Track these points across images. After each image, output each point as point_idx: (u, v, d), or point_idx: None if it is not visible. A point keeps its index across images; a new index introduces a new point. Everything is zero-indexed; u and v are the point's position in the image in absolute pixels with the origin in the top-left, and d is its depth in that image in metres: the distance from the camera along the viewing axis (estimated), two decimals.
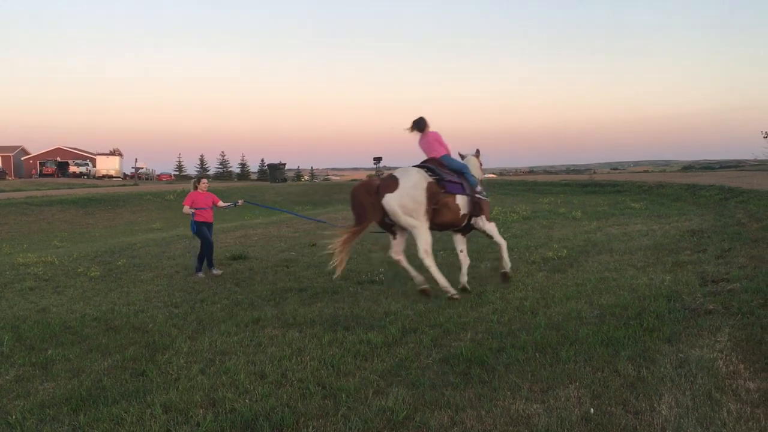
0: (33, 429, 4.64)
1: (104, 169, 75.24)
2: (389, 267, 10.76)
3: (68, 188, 45.80)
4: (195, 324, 7.51)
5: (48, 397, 5.29)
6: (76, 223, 27.97)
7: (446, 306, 7.75)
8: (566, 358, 5.50)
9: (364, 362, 5.79)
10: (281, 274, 10.78)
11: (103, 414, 4.80)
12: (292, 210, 18.07)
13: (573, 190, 31.65)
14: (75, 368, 6.05)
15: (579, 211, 18.27)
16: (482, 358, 5.60)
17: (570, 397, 4.72)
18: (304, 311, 7.85)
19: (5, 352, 6.70)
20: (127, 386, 5.42)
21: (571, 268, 9.84)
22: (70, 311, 8.53)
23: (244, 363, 5.88)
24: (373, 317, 7.38)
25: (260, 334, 6.92)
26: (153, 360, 6.16)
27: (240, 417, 4.61)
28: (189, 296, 9.19)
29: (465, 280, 8.94)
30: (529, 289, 8.46)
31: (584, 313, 6.96)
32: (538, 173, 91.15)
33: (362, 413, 4.62)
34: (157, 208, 33.17)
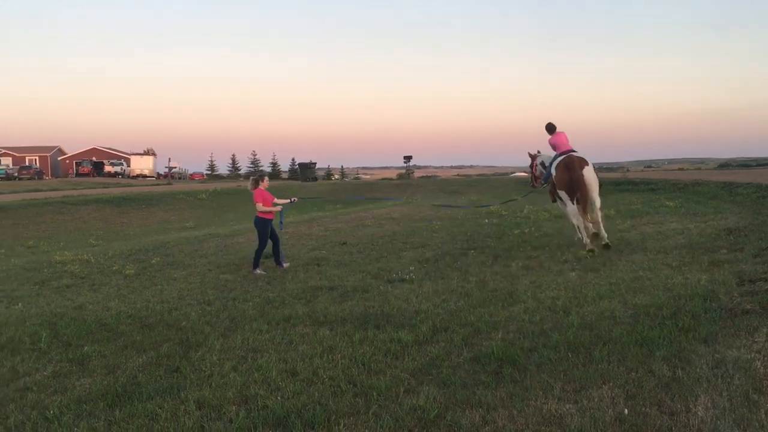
0: (70, 424, 4.72)
1: (138, 168, 76.31)
2: (419, 265, 10.76)
3: (103, 188, 46.57)
4: (227, 321, 7.59)
5: (84, 393, 5.38)
6: (111, 221, 28.44)
7: (477, 305, 7.71)
8: (599, 358, 5.44)
9: (395, 361, 5.79)
10: (312, 272, 10.83)
11: (138, 409, 4.88)
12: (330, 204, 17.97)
13: (606, 188, 31.01)
14: (110, 364, 6.15)
15: (612, 210, 18.05)
16: (514, 358, 5.57)
17: (603, 398, 4.66)
18: (335, 309, 7.88)
19: (43, 348, 6.84)
20: (161, 382, 5.50)
21: (604, 267, 9.72)
22: (105, 308, 8.68)
23: (275, 360, 5.93)
24: (404, 316, 7.38)
25: (291, 332, 6.97)
26: (186, 357, 6.23)
27: (272, 414, 4.65)
28: (221, 294, 9.28)
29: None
30: (561, 289, 8.38)
31: (618, 313, 6.88)
32: None
33: (393, 411, 4.62)
34: (189, 207, 33.58)
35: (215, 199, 36.62)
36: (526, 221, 16.43)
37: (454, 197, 29.73)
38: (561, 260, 10.49)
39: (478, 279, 9.38)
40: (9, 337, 7.27)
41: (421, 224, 17.27)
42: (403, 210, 22.03)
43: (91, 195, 35.08)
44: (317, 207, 30.68)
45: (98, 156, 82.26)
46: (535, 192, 14.52)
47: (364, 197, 15.16)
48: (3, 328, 7.77)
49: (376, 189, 41.57)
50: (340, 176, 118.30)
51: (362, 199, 15.18)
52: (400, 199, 13.68)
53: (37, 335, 7.29)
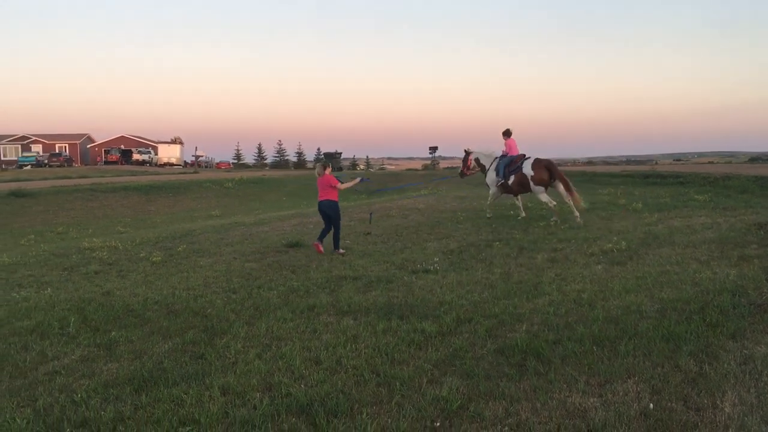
0: (97, 407, 4.80)
1: (165, 157, 76.98)
2: (444, 256, 10.74)
3: (131, 175, 47.09)
4: (252, 310, 7.64)
5: (111, 377, 5.46)
6: (138, 209, 28.76)
7: (501, 297, 7.68)
8: (625, 352, 5.39)
9: (418, 351, 5.79)
10: (336, 261, 10.86)
11: (163, 395, 4.95)
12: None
13: (634, 182, 30.90)
14: (137, 350, 6.23)
15: (640, 203, 17.83)
16: (538, 350, 5.54)
17: (628, 392, 4.63)
18: (359, 299, 7.90)
19: (71, 332, 6.95)
20: (186, 368, 5.56)
21: (630, 260, 9.62)
22: (133, 295, 8.79)
23: (299, 349, 5.96)
24: (428, 306, 7.38)
25: (315, 320, 7.00)
26: (212, 344, 6.30)
27: (295, 401, 4.68)
28: (246, 282, 9.35)
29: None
30: (587, 282, 8.31)
31: (644, 307, 6.81)
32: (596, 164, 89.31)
33: (416, 402, 4.63)
34: (216, 196, 33.82)
35: (241, 188, 36.84)
36: (551, 213, 16.29)
37: (479, 189, 29.56)
38: (587, 253, 10.40)
39: (502, 271, 9.34)
40: (38, 322, 7.40)
41: (446, 215, 17.22)
42: (428, 201, 21.97)
43: (119, 182, 35.50)
44: (341, 197, 30.70)
45: (126, 144, 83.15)
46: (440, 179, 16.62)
47: (389, 188, 15.26)
48: (33, 312, 7.91)
49: (401, 179, 41.51)
50: (365, 166, 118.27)
51: (388, 190, 15.38)
52: (421, 183, 14.11)
53: (65, 320, 7.41)
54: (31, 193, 29.19)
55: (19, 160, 68.63)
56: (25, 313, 7.87)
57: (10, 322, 7.51)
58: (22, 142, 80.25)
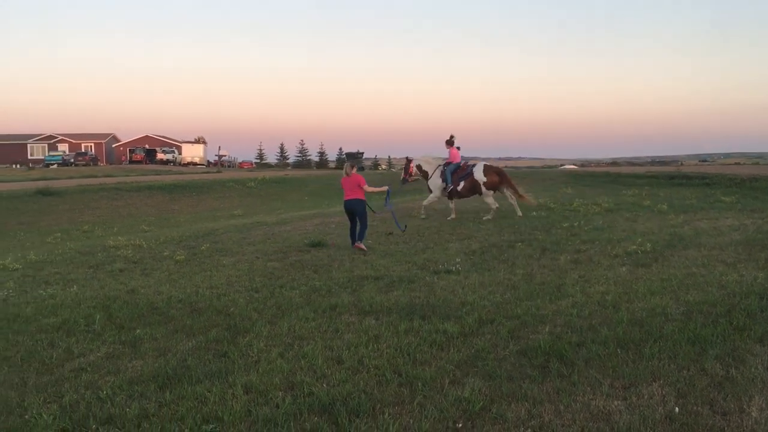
0: (122, 404, 4.85)
1: (189, 156, 77.70)
2: (466, 257, 10.71)
3: (155, 174, 47.58)
4: (274, 309, 7.67)
5: (136, 374, 5.52)
6: (162, 208, 29.07)
7: (524, 298, 7.64)
8: (650, 355, 5.34)
9: (440, 351, 5.78)
10: (358, 261, 10.87)
11: (187, 392, 4.99)
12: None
13: (659, 183, 30.57)
14: (161, 347, 6.29)
15: (665, 204, 17.63)
16: (561, 352, 5.51)
17: (653, 395, 4.58)
18: (381, 299, 7.90)
19: (97, 330, 7.03)
20: (210, 366, 5.60)
21: (655, 262, 9.52)
22: (157, 293, 8.87)
23: (321, 348, 5.98)
24: (450, 307, 7.36)
25: (337, 320, 7.01)
26: (234, 342, 6.34)
27: (318, 401, 4.70)
28: (269, 281, 9.39)
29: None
30: (611, 283, 8.24)
31: (669, 310, 6.74)
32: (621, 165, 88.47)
33: (438, 402, 4.62)
34: (238, 195, 34.07)
35: (263, 188, 37.04)
36: (575, 214, 16.18)
37: None
38: (611, 254, 10.31)
39: (525, 272, 9.29)
40: (65, 319, 7.49)
41: (468, 216, 17.17)
42: None
43: (143, 182, 35.88)
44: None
45: (151, 143, 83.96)
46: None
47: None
48: (59, 309, 8.02)
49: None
50: (387, 166, 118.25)
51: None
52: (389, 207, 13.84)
53: (91, 317, 7.50)
54: (57, 191, 29.62)
55: (46, 159, 69.63)
56: (52, 310, 7.98)
57: (37, 319, 7.62)
58: (49, 141, 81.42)
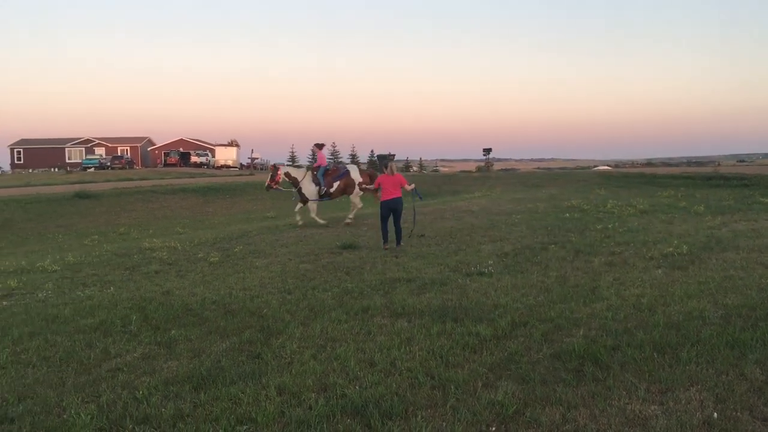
0: (158, 404, 4.91)
1: (222, 159, 78.31)
2: (498, 259, 10.64)
3: (189, 177, 48.14)
4: (307, 310, 7.71)
5: (171, 375, 5.58)
6: (196, 210, 29.44)
7: (557, 301, 7.57)
8: (687, 359, 5.25)
9: (473, 354, 5.75)
10: (390, 264, 10.87)
11: (222, 393, 5.03)
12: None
13: (695, 184, 30.09)
14: (196, 348, 6.36)
15: (701, 206, 17.34)
16: (596, 356, 5.44)
17: (691, 400, 4.50)
18: (413, 301, 7.89)
19: (133, 330, 7.14)
20: (243, 368, 5.65)
21: (692, 265, 9.36)
22: (191, 294, 8.98)
23: (354, 350, 5.99)
24: (482, 309, 7.32)
25: (369, 322, 7.02)
26: (267, 344, 6.38)
27: (350, 403, 4.70)
28: (301, 283, 9.44)
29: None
30: (647, 286, 8.12)
31: (707, 313, 6.62)
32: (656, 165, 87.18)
33: (471, 405, 4.60)
34: (271, 198, 34.16)
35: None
36: (609, 216, 15.99)
37: (534, 191, 29.23)
38: (646, 257, 10.16)
39: (558, 274, 9.20)
40: (102, 320, 7.62)
41: (501, 218, 17.07)
42: (482, 203, 21.82)
43: (178, 184, 36.35)
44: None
45: (185, 147, 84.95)
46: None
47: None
48: (96, 310, 8.16)
49: (455, 181, 41.31)
50: (418, 168, 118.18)
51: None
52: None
53: (127, 318, 7.61)
54: (94, 194, 30.17)
55: (83, 162, 70.93)
56: (89, 311, 8.12)
57: (75, 319, 7.76)
58: (86, 145, 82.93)
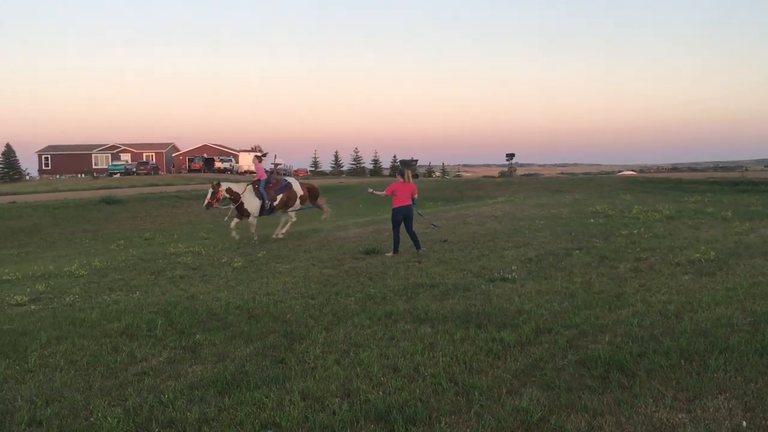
0: (183, 408, 4.94)
1: (246, 165, 78.83)
2: (521, 265, 10.58)
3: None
4: (330, 316, 7.72)
5: (196, 379, 5.62)
6: (220, 215, 29.57)
7: (582, 307, 7.50)
8: (715, 367, 5.18)
9: (496, 360, 5.72)
10: (413, 269, 10.86)
11: (246, 398, 5.06)
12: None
13: (722, 189, 29.75)
14: (220, 353, 6.40)
15: (729, 211, 17.11)
16: (622, 363, 5.38)
17: (719, 408, 4.43)
18: (436, 307, 7.87)
19: (158, 335, 7.20)
20: (267, 372, 5.67)
21: (720, 271, 9.23)
22: (215, 299, 9.04)
23: (377, 356, 5.98)
24: (506, 315, 7.28)
25: (393, 327, 7.01)
26: (291, 348, 6.40)
27: (374, 408, 4.70)
28: (324, 288, 9.46)
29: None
30: (673, 293, 8.02)
31: (735, 320, 6.52)
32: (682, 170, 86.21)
33: (496, 412, 4.57)
34: None
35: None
36: (634, 222, 15.83)
37: (557, 196, 29.05)
38: (673, 263, 10.04)
39: (583, 280, 9.12)
40: (128, 324, 7.70)
41: (524, 223, 16.97)
42: (505, 208, 21.73)
43: (202, 190, 36.53)
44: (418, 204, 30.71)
45: (209, 153, 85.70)
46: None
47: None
48: (123, 315, 8.24)
49: (478, 186, 41.22)
50: (441, 173, 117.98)
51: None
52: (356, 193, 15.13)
53: (153, 322, 7.68)
54: (120, 200, 30.53)
55: (109, 168, 71.96)
56: (116, 316, 8.21)
57: (101, 323, 7.85)
58: (112, 151, 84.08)
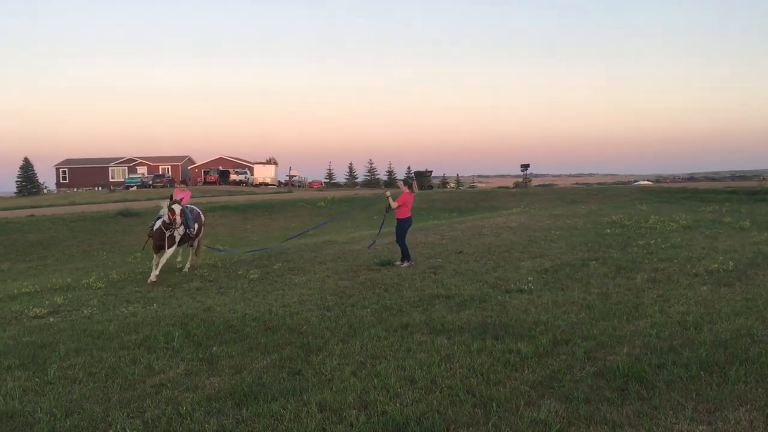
0: (201, 420, 4.96)
1: (261, 177, 79.22)
2: (538, 276, 10.53)
3: (229, 195, 48.78)
4: (346, 327, 7.73)
5: (214, 391, 5.64)
6: (235, 227, 29.72)
7: (600, 318, 7.46)
8: (735, 378, 5.13)
9: (514, 372, 5.70)
10: (428, 280, 10.84)
11: (263, 409, 5.07)
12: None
13: (740, 198, 29.47)
14: (237, 365, 6.42)
15: (747, 221, 16.94)
16: (641, 374, 5.34)
17: (740, 420, 4.39)
18: (452, 318, 7.85)
19: (176, 347, 7.24)
20: (284, 384, 5.68)
21: (739, 281, 9.14)
22: (232, 311, 9.07)
23: (394, 367, 5.98)
24: (523, 327, 7.25)
25: (409, 339, 7.00)
26: (308, 360, 6.41)
27: (391, 420, 4.69)
28: (340, 300, 9.47)
29: None
30: (692, 303, 7.95)
31: (755, 331, 6.45)
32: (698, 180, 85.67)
33: (514, 424, 4.54)
34: (309, 215, 34.50)
35: (333, 207, 37.39)
36: (651, 232, 15.72)
37: (572, 206, 28.90)
38: (691, 273, 9.96)
39: (600, 291, 9.07)
40: (145, 336, 7.75)
41: (539, 234, 16.89)
42: (520, 219, 21.64)
43: (217, 202, 36.83)
44: (432, 215, 30.74)
45: (224, 165, 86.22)
46: None
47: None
48: (140, 327, 8.30)
49: (492, 197, 41.07)
50: (455, 184, 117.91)
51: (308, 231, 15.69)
52: (347, 215, 14.07)
53: (170, 335, 7.73)
54: (137, 212, 30.75)
55: (126, 181, 72.47)
56: (133, 328, 8.27)
57: (119, 336, 7.90)
58: (129, 164, 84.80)
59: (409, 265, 12.46)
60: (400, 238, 13.05)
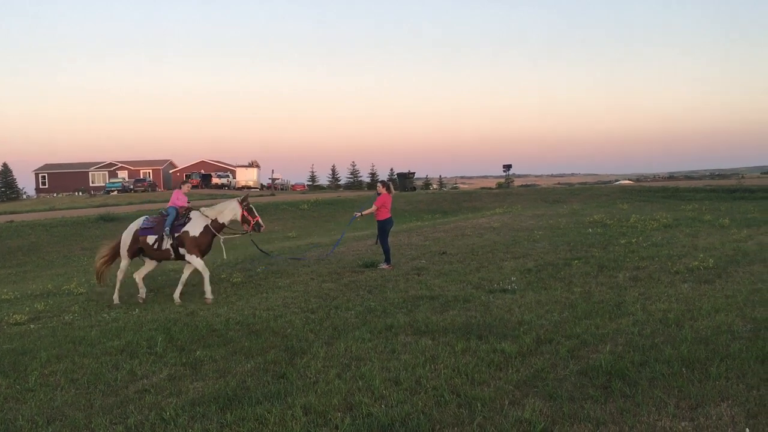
0: (185, 425, 4.93)
1: (243, 180, 78.87)
2: (521, 276, 10.58)
3: (211, 198, 48.54)
4: (330, 330, 7.72)
5: (198, 396, 5.61)
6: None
7: (582, 316, 7.51)
8: (717, 374, 5.18)
9: (498, 372, 5.72)
10: (412, 281, 10.85)
11: (248, 413, 5.05)
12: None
13: (719, 196, 29.83)
14: (221, 369, 6.39)
15: (726, 219, 17.13)
16: (623, 371, 5.39)
17: (722, 416, 4.43)
18: (437, 319, 7.87)
19: (159, 352, 7.19)
20: (269, 387, 5.66)
21: (719, 278, 9.24)
22: (215, 315, 9.03)
23: (378, 369, 5.97)
24: (506, 326, 7.28)
25: (393, 340, 7.00)
26: (292, 363, 6.39)
27: (377, 422, 4.69)
28: (324, 302, 9.45)
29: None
30: (673, 301, 8.03)
31: (736, 327, 6.52)
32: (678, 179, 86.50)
33: (498, 423, 4.56)
34: (292, 218, 34.44)
35: (316, 210, 37.37)
36: (632, 230, 15.84)
37: (555, 206, 29.07)
38: (672, 271, 10.05)
39: (582, 290, 9.12)
40: (128, 341, 7.69)
41: (522, 234, 16.97)
42: (503, 219, 21.74)
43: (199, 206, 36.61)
44: (415, 217, 30.79)
45: (206, 168, 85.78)
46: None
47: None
48: (122, 332, 8.23)
49: (475, 198, 41.20)
50: (438, 186, 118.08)
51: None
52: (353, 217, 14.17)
53: (153, 339, 7.68)
54: (118, 217, 30.46)
55: (107, 186, 71.94)
56: (115, 333, 8.20)
57: (101, 341, 7.84)
58: (109, 168, 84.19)
59: (389, 268, 12.45)
60: (383, 240, 13.03)
